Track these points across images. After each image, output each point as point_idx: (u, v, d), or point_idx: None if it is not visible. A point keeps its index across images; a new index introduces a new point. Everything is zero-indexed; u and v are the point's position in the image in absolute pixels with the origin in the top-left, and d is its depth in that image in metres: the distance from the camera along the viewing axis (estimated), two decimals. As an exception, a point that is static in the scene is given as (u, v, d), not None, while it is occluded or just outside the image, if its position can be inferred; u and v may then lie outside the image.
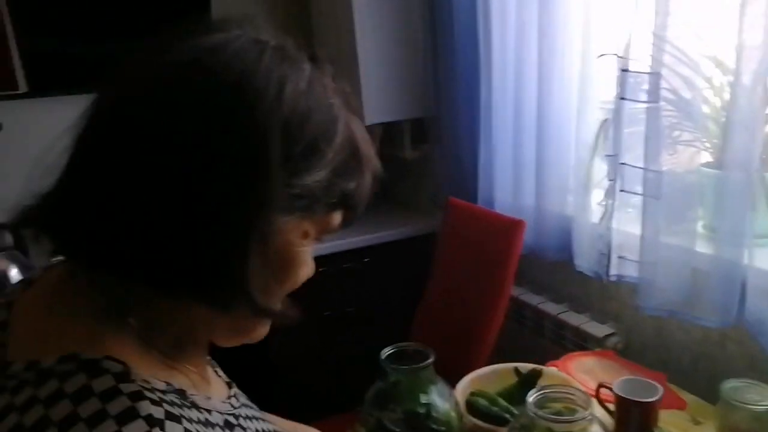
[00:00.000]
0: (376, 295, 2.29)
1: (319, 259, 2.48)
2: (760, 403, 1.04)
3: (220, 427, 0.58)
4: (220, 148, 0.51)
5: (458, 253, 1.88)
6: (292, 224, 0.57)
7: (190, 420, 0.53)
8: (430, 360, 1.03)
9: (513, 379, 1.27)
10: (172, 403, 0.52)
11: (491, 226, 1.74)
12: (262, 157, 0.52)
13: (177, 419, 0.51)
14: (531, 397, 0.89)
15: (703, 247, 1.31)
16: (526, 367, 1.28)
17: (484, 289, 1.70)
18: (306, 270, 0.62)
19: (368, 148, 0.62)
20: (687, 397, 1.29)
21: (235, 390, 0.71)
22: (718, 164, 1.29)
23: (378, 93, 2.13)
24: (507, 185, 1.82)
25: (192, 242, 0.52)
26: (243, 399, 0.71)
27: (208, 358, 0.72)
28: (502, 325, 1.67)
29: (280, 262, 0.58)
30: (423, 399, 1.03)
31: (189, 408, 0.54)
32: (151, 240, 0.52)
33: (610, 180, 1.46)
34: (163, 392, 0.53)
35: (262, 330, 0.64)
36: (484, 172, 1.87)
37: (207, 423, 0.56)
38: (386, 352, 1.06)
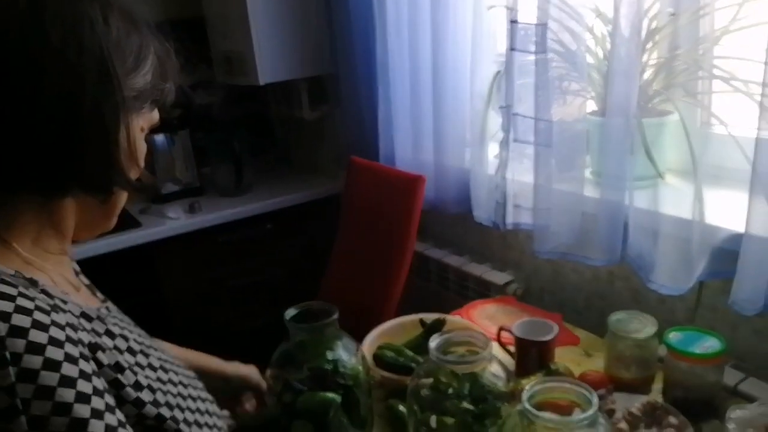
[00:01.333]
0: (282, 262, 2.26)
1: (218, 228, 2.41)
2: (641, 332, 1.12)
3: (74, 315, 0.64)
4: (81, 67, 0.63)
5: (362, 212, 1.89)
6: (135, 121, 0.71)
7: (32, 299, 0.58)
8: (334, 317, 1.02)
9: (418, 331, 1.30)
10: (9, 284, 0.58)
11: (393, 183, 1.76)
12: (111, 69, 0.65)
13: (8, 298, 0.57)
14: (433, 342, 0.91)
15: (590, 192, 1.38)
16: (430, 317, 1.31)
17: (389, 246, 1.71)
18: (143, 161, 0.77)
19: (173, 59, 0.77)
20: (580, 333, 1.37)
21: (109, 305, 0.78)
22: (602, 112, 1.35)
23: (272, 51, 2.07)
24: (407, 142, 1.83)
25: (76, 144, 0.64)
26: (117, 314, 0.77)
27: (84, 279, 0.83)
28: (408, 281, 1.70)
29: (131, 153, 0.72)
30: (329, 356, 1.03)
31: (38, 294, 0.61)
32: (36, 150, 0.63)
33: (504, 131, 1.50)
34: (12, 276, 0.60)
35: (113, 219, 0.77)
36: (384, 130, 1.87)
37: (56, 307, 0.61)
38: (290, 312, 1.05)
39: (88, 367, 0.59)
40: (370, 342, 1.27)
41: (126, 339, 0.70)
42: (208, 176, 2.36)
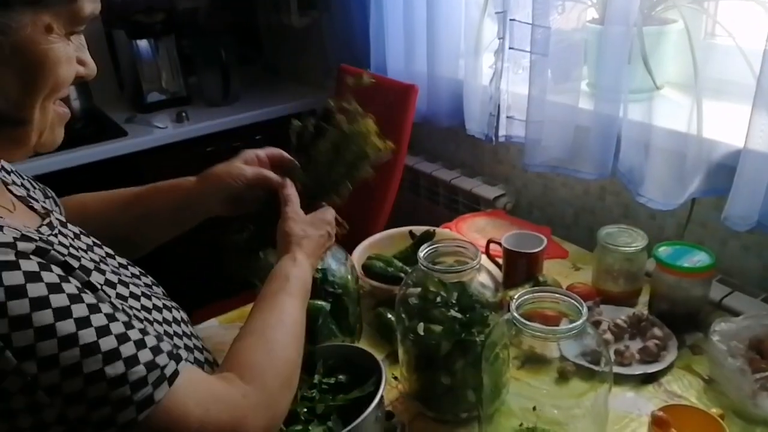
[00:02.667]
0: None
1: (206, 138, 2.35)
2: (630, 245, 1.12)
3: (8, 245, 0.53)
4: None
5: (352, 123, 1.84)
6: (25, 20, 0.53)
7: None
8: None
9: (408, 242, 1.30)
10: None
11: (384, 93, 1.70)
12: None
13: None
14: (422, 251, 0.91)
15: (586, 104, 1.34)
16: (420, 230, 1.30)
17: (379, 157, 1.68)
18: (67, 69, 0.58)
19: None
20: (569, 246, 1.37)
21: (52, 220, 0.68)
22: (602, 20, 1.29)
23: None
24: (399, 51, 1.76)
25: None
26: (69, 231, 0.69)
27: (25, 195, 0.72)
28: (398, 194, 1.68)
29: (23, 63, 0.54)
30: (318, 264, 1.02)
31: None
32: None
33: (500, 38, 1.44)
34: None
35: (53, 137, 0.62)
36: (375, 38, 1.80)
37: None
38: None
39: (53, 277, 0.54)
40: (360, 252, 1.26)
41: (77, 258, 0.63)
42: (195, 85, 2.29)
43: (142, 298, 0.71)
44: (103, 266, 0.68)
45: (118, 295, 0.66)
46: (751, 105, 1.03)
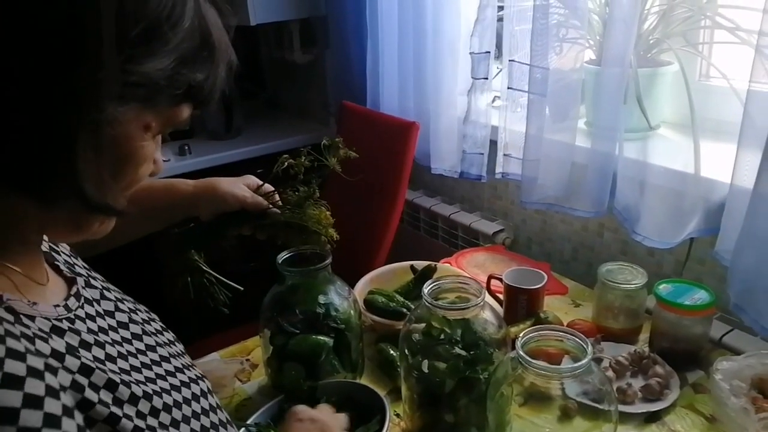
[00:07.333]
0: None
1: (206, 172, 2.37)
2: (631, 282, 1.13)
3: (42, 337, 0.51)
4: (42, 23, 0.45)
5: (354, 158, 1.86)
6: (131, 115, 0.52)
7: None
8: (327, 261, 1.02)
9: (409, 277, 1.31)
10: None
11: (385, 129, 1.73)
12: (92, 36, 0.46)
13: None
14: (426, 288, 0.91)
15: (582, 143, 1.36)
16: (421, 264, 1.31)
17: (380, 192, 1.70)
18: (147, 167, 0.58)
19: (222, 38, 0.58)
20: (568, 283, 1.38)
21: (78, 287, 0.64)
22: (599, 61, 1.32)
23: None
24: (393, 89, 1.80)
25: (12, 129, 0.46)
26: (90, 293, 0.65)
27: (48, 250, 0.68)
28: (398, 228, 1.70)
29: (116, 155, 0.53)
30: (321, 299, 1.02)
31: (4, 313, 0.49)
32: None
33: (482, 77, 1.48)
34: None
35: (104, 226, 0.58)
36: (372, 76, 1.84)
37: (22, 335, 0.49)
38: (283, 256, 1.04)
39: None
40: (362, 287, 1.27)
41: (102, 345, 0.59)
42: (197, 119, 2.31)
43: (163, 363, 0.66)
44: (122, 335, 0.64)
45: (147, 378, 0.61)
46: (738, 143, 1.05)
